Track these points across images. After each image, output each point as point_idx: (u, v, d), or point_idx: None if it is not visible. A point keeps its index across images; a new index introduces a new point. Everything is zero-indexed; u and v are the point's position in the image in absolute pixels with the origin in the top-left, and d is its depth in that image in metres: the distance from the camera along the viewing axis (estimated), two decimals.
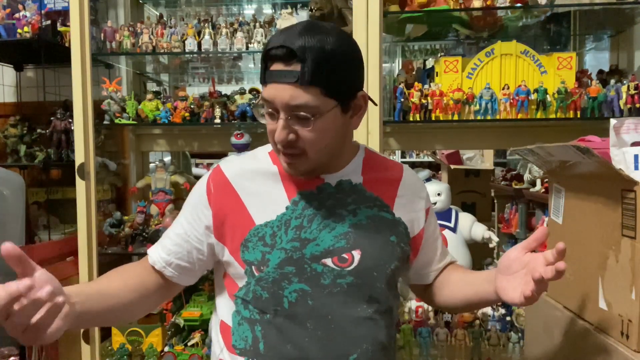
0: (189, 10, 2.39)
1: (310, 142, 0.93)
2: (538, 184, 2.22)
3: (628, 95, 1.75)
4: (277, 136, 0.92)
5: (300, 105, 0.90)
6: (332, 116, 0.93)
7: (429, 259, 1.14)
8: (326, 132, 0.94)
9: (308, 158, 0.95)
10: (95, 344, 1.99)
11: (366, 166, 1.07)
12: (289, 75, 0.89)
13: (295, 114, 0.91)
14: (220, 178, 1.04)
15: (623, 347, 0.87)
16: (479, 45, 2.17)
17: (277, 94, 0.90)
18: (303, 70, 0.88)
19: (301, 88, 0.89)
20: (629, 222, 0.87)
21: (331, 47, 0.89)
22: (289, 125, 0.91)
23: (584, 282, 1.02)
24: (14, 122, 2.37)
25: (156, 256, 1.05)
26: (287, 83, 0.89)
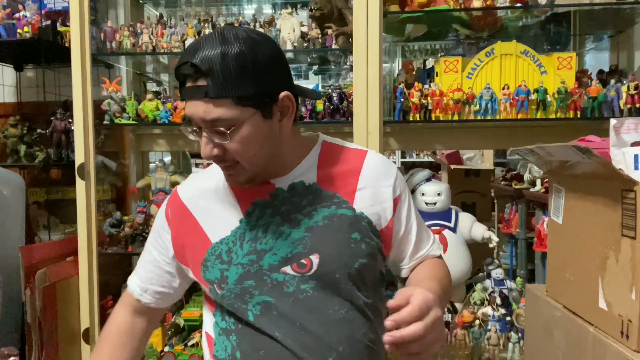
0: (189, 10, 2.39)
1: (237, 154, 0.92)
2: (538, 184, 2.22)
3: (628, 95, 1.75)
4: (202, 152, 0.92)
5: (215, 120, 0.88)
6: (253, 125, 0.90)
7: (401, 253, 1.07)
8: (250, 141, 0.91)
9: (242, 167, 0.94)
10: (95, 344, 1.99)
11: (322, 162, 1.03)
12: (197, 92, 0.88)
13: (213, 127, 0.90)
14: (176, 201, 1.07)
15: (623, 347, 0.87)
16: (479, 45, 2.17)
17: (192, 110, 0.90)
18: (209, 84, 0.86)
19: (212, 102, 0.87)
20: (629, 222, 0.87)
21: (237, 55, 0.86)
22: (211, 140, 0.91)
23: (584, 282, 1.02)
24: (14, 122, 2.37)
25: (133, 285, 1.11)
26: (198, 99, 0.88)
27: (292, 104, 0.95)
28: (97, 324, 1.99)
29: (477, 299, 1.92)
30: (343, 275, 0.96)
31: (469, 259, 1.94)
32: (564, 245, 1.12)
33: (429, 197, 1.96)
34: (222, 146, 0.91)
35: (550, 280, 1.20)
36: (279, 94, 0.92)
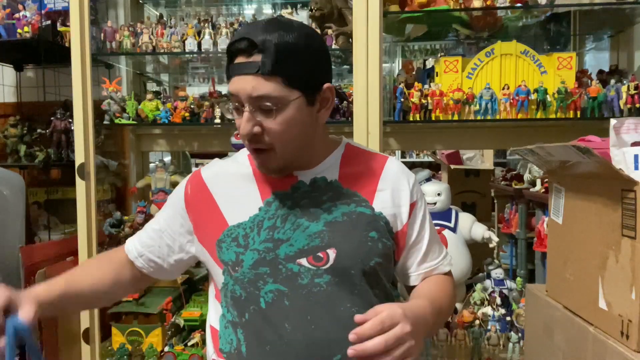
0: (189, 10, 2.39)
1: (275, 135, 0.92)
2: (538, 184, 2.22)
3: (628, 95, 1.75)
4: (242, 129, 0.92)
5: (263, 96, 0.90)
6: (297, 107, 0.93)
7: (408, 259, 1.08)
8: (291, 124, 0.93)
9: (276, 153, 0.94)
10: (95, 344, 1.99)
11: (344, 162, 1.05)
12: (250, 66, 0.90)
13: (259, 105, 0.91)
14: (197, 181, 1.07)
15: (623, 347, 0.87)
16: (479, 45, 2.17)
17: (240, 86, 0.91)
18: (264, 60, 0.88)
19: (263, 78, 0.89)
20: (629, 222, 0.87)
21: (292, 39, 0.90)
22: (254, 118, 0.91)
23: (584, 282, 1.02)
24: (14, 122, 2.37)
25: (131, 246, 1.12)
26: (249, 74, 0.90)
27: (332, 96, 0.99)
28: (97, 324, 1.99)
29: (477, 299, 1.92)
30: (358, 272, 0.97)
31: (469, 259, 1.94)
32: (564, 245, 1.12)
33: (429, 197, 1.96)
34: (262, 125, 0.92)
35: (550, 280, 1.20)
36: (322, 84, 0.96)
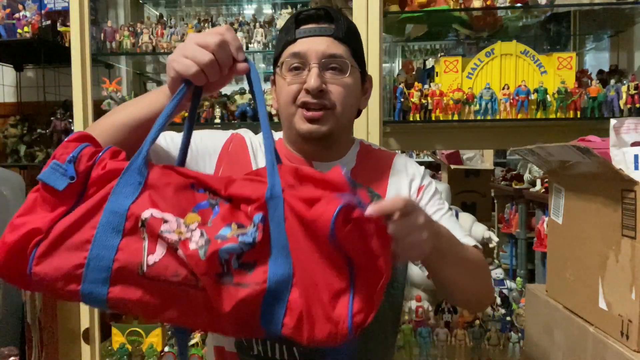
0: (189, 10, 2.39)
1: (339, 95, 0.94)
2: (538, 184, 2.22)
3: (628, 95, 1.75)
4: (312, 83, 0.92)
5: (336, 55, 0.93)
6: (356, 79, 0.97)
7: None
8: (351, 91, 0.96)
9: (335, 115, 0.95)
10: (95, 344, 1.99)
11: (359, 160, 1.06)
12: (324, 30, 0.94)
13: (329, 64, 0.93)
14: (241, 143, 1.03)
15: (623, 347, 0.87)
16: (479, 45, 2.17)
17: (311, 45, 0.93)
18: (337, 27, 0.95)
19: (336, 41, 0.94)
20: (629, 222, 0.87)
21: (353, 23, 1.00)
22: (322, 75, 0.93)
23: (584, 282, 1.02)
24: (14, 122, 2.37)
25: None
26: (324, 35, 0.94)
27: (371, 88, 1.05)
28: (97, 324, 1.99)
29: None
30: None
31: None
32: (564, 245, 1.12)
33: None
34: (326, 85, 0.94)
35: (550, 280, 1.20)
36: (367, 73, 1.03)
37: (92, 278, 0.64)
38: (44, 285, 0.66)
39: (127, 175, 0.67)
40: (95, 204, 0.66)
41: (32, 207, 0.68)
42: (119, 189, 0.66)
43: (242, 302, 0.63)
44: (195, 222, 0.65)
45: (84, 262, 0.64)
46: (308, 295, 0.64)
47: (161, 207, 0.65)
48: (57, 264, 0.64)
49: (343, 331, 0.63)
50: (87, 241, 0.64)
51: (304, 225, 0.65)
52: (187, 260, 0.63)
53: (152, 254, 0.64)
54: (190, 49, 0.75)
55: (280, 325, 0.65)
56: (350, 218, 0.63)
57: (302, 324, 0.65)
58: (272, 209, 0.66)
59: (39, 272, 0.64)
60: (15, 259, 0.65)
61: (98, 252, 0.64)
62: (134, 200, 0.65)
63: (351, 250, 0.64)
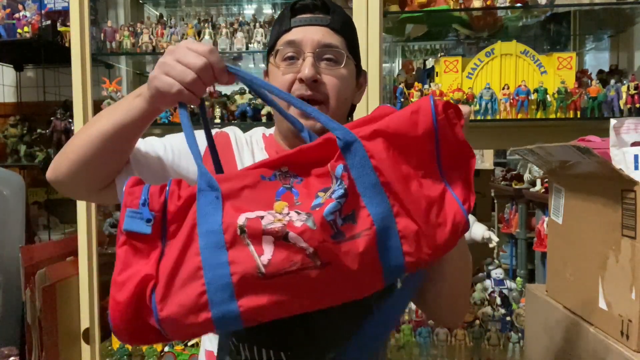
0: (189, 10, 2.39)
1: (332, 87, 0.92)
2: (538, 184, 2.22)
3: (628, 95, 1.75)
4: (306, 72, 0.90)
5: (331, 45, 0.92)
6: (350, 72, 0.95)
7: None
8: (345, 84, 0.94)
9: (328, 110, 0.93)
10: (95, 344, 1.99)
11: None
12: (320, 20, 0.93)
13: (323, 54, 0.92)
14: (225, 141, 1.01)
15: (623, 347, 0.87)
16: (479, 45, 2.17)
17: (306, 34, 0.92)
18: (333, 18, 0.93)
19: (332, 31, 0.93)
20: (629, 222, 0.87)
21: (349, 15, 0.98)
22: (316, 65, 0.91)
23: (584, 282, 1.02)
24: (14, 122, 2.37)
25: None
26: (319, 25, 0.92)
27: (366, 83, 1.04)
28: (97, 324, 1.99)
29: (477, 299, 1.92)
30: None
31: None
32: (564, 245, 1.12)
33: None
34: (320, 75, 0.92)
35: (550, 280, 1.20)
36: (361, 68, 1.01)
37: (218, 300, 0.62)
38: (176, 327, 0.64)
39: (202, 196, 0.66)
40: (188, 233, 0.65)
41: (127, 260, 0.66)
42: (202, 209, 0.65)
43: (363, 253, 0.64)
44: (285, 207, 0.66)
45: (204, 289, 0.62)
46: (415, 212, 0.66)
47: (249, 209, 0.65)
48: (180, 301, 0.62)
49: (462, 221, 0.67)
50: (197, 268, 0.63)
51: (393, 145, 0.67)
52: (302, 237, 0.62)
53: (263, 255, 0.63)
54: (173, 67, 0.74)
55: (402, 257, 0.66)
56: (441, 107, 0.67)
57: (421, 242, 0.66)
58: (350, 155, 0.66)
59: (167, 315, 0.63)
60: (134, 315, 0.63)
61: (213, 273, 0.62)
62: (222, 214, 0.65)
63: (444, 139, 0.67)
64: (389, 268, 0.66)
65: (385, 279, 0.67)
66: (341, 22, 0.94)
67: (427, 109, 0.66)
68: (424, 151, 0.67)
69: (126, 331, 0.64)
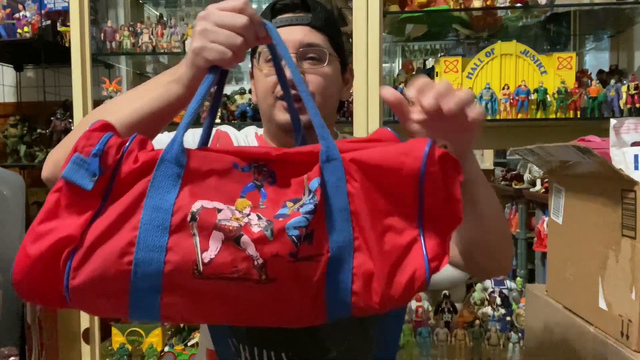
0: (189, 10, 2.39)
1: (318, 85, 0.91)
2: (538, 184, 2.22)
3: (628, 95, 1.75)
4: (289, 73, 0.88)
5: (314, 44, 0.91)
6: (335, 69, 0.94)
7: None
8: (330, 82, 0.93)
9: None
10: (95, 344, 1.99)
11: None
12: (301, 19, 0.92)
13: (306, 53, 0.91)
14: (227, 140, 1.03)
15: (623, 347, 0.87)
16: (479, 45, 2.17)
17: (288, 35, 0.90)
18: (315, 16, 0.92)
19: (314, 30, 0.92)
20: (629, 222, 0.87)
21: (331, 12, 0.98)
22: (299, 65, 0.91)
23: (584, 282, 1.02)
24: (14, 122, 2.37)
25: None
26: (300, 24, 0.91)
27: (352, 78, 1.03)
28: (97, 324, 1.99)
29: (477, 299, 1.92)
30: None
31: None
32: (564, 245, 1.12)
33: None
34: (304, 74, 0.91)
35: (550, 280, 1.20)
36: (347, 63, 0.99)
37: (141, 287, 0.56)
38: (85, 302, 0.58)
39: (163, 167, 0.59)
40: (132, 201, 0.57)
41: (55, 210, 0.59)
42: (157, 182, 0.58)
43: (311, 278, 0.58)
44: (247, 207, 0.59)
45: (130, 269, 0.55)
46: (376, 253, 0.59)
47: (208, 197, 0.58)
48: (98, 276, 0.55)
49: (421, 279, 0.58)
50: (129, 244, 0.56)
51: (370, 178, 0.60)
52: (255, 244, 0.56)
53: (206, 251, 0.56)
54: (218, 33, 0.68)
55: (349, 296, 0.59)
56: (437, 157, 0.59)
57: (371, 285, 0.59)
58: (328, 172, 0.60)
59: (78, 286, 0.56)
60: (43, 273, 0.57)
61: (144, 255, 0.55)
62: (177, 194, 0.58)
63: (431, 192, 0.59)
64: (334, 302, 0.60)
65: (329, 313, 0.61)
66: (323, 20, 0.93)
67: (418, 154, 0.59)
68: (405, 193, 0.60)
69: (27, 287, 0.58)
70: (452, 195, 0.60)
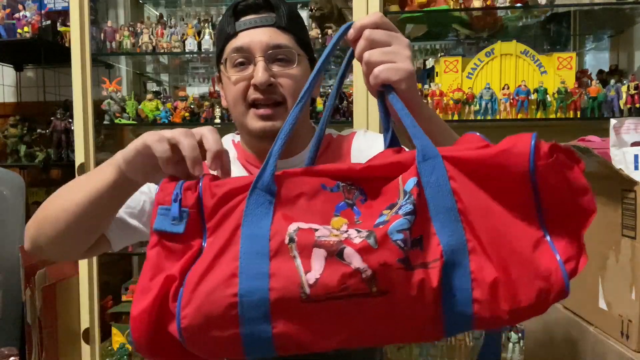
0: (189, 10, 2.39)
1: (288, 87, 0.89)
2: None
3: (628, 95, 1.75)
4: (259, 78, 0.87)
5: (281, 45, 0.89)
6: (304, 68, 0.92)
7: None
8: (302, 83, 0.89)
9: (287, 109, 0.90)
10: (95, 344, 1.99)
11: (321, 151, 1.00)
12: (265, 20, 0.90)
13: (274, 55, 0.89)
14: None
15: (623, 347, 0.87)
16: (479, 45, 2.17)
17: (253, 38, 0.89)
18: (279, 15, 0.90)
19: (279, 30, 0.90)
20: (629, 222, 0.87)
21: (294, 7, 0.94)
22: (269, 68, 0.88)
23: (584, 282, 1.02)
24: (14, 122, 2.37)
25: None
26: (265, 26, 0.89)
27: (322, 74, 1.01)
28: (97, 324, 1.99)
29: None
30: None
31: None
32: None
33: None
34: (274, 77, 0.89)
35: None
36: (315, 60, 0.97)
37: (250, 316, 0.54)
38: (199, 340, 0.55)
39: (254, 195, 0.58)
40: (230, 234, 0.57)
41: (158, 264, 0.57)
42: (250, 211, 0.57)
43: (430, 286, 0.53)
44: (344, 224, 0.57)
45: (236, 300, 0.53)
46: (499, 255, 0.53)
47: (302, 219, 0.57)
48: (207, 309, 0.54)
49: (558, 283, 0.52)
50: (232, 275, 0.54)
51: (476, 176, 0.55)
52: (360, 254, 0.52)
53: (310, 271, 0.53)
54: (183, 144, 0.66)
55: (470, 305, 0.53)
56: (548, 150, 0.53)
57: (497, 293, 0.53)
58: (427, 171, 0.56)
59: (190, 324, 0.54)
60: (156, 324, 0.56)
61: (248, 284, 0.54)
62: (272, 220, 0.57)
63: (548, 188, 0.54)
64: (453, 314, 0.54)
65: (447, 327, 0.55)
66: (287, 19, 0.91)
67: (524, 149, 0.54)
68: (516, 192, 0.54)
69: (147, 344, 0.57)
70: (575, 187, 0.54)
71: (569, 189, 0.54)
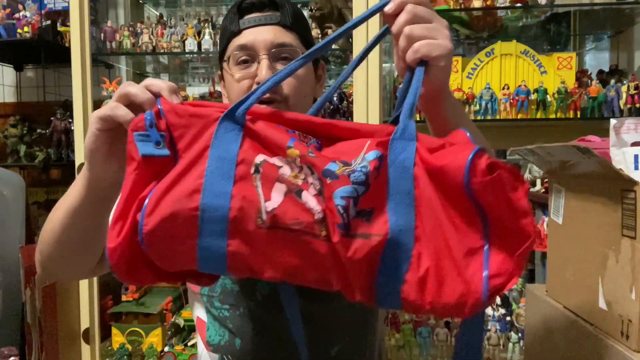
0: (189, 10, 2.39)
1: (291, 86, 0.89)
2: (538, 184, 2.21)
3: (628, 95, 1.75)
4: (263, 75, 0.86)
5: (285, 44, 0.89)
6: (308, 67, 0.92)
7: None
8: (304, 81, 0.91)
9: (288, 107, 0.89)
10: (95, 344, 1.99)
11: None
12: (270, 18, 0.90)
13: (278, 53, 0.89)
14: None
15: (623, 347, 0.87)
16: (479, 45, 2.17)
17: (258, 36, 0.89)
18: (283, 14, 0.90)
19: (284, 29, 0.90)
20: (629, 222, 0.87)
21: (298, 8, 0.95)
22: (273, 66, 0.88)
23: (584, 282, 1.02)
24: (14, 122, 2.37)
25: None
26: (270, 24, 0.90)
27: (324, 74, 1.01)
28: (97, 324, 1.99)
29: None
30: None
31: None
32: (564, 245, 1.12)
33: None
34: None
35: (550, 280, 1.20)
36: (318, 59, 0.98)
37: (208, 230, 0.57)
38: (158, 248, 0.58)
39: (226, 122, 0.61)
40: (198, 153, 0.59)
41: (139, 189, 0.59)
42: (220, 135, 0.60)
43: (364, 255, 0.55)
44: (297, 158, 0.58)
45: (197, 214, 0.56)
46: (436, 249, 0.55)
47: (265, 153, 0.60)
48: (168, 219, 0.57)
49: (476, 295, 0.53)
50: (194, 191, 0.57)
51: (431, 175, 0.56)
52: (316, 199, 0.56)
53: (269, 201, 0.57)
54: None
55: (401, 282, 0.55)
56: (487, 167, 0.54)
57: (426, 282, 0.55)
58: (396, 150, 0.57)
59: (150, 230, 0.57)
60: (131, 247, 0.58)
61: (211, 200, 0.57)
62: (240, 146, 0.59)
63: (488, 204, 0.54)
64: (384, 288, 0.57)
65: (378, 297, 0.58)
66: (292, 18, 0.91)
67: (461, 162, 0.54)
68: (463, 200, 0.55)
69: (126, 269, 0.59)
70: (516, 208, 0.54)
71: (509, 209, 0.54)
